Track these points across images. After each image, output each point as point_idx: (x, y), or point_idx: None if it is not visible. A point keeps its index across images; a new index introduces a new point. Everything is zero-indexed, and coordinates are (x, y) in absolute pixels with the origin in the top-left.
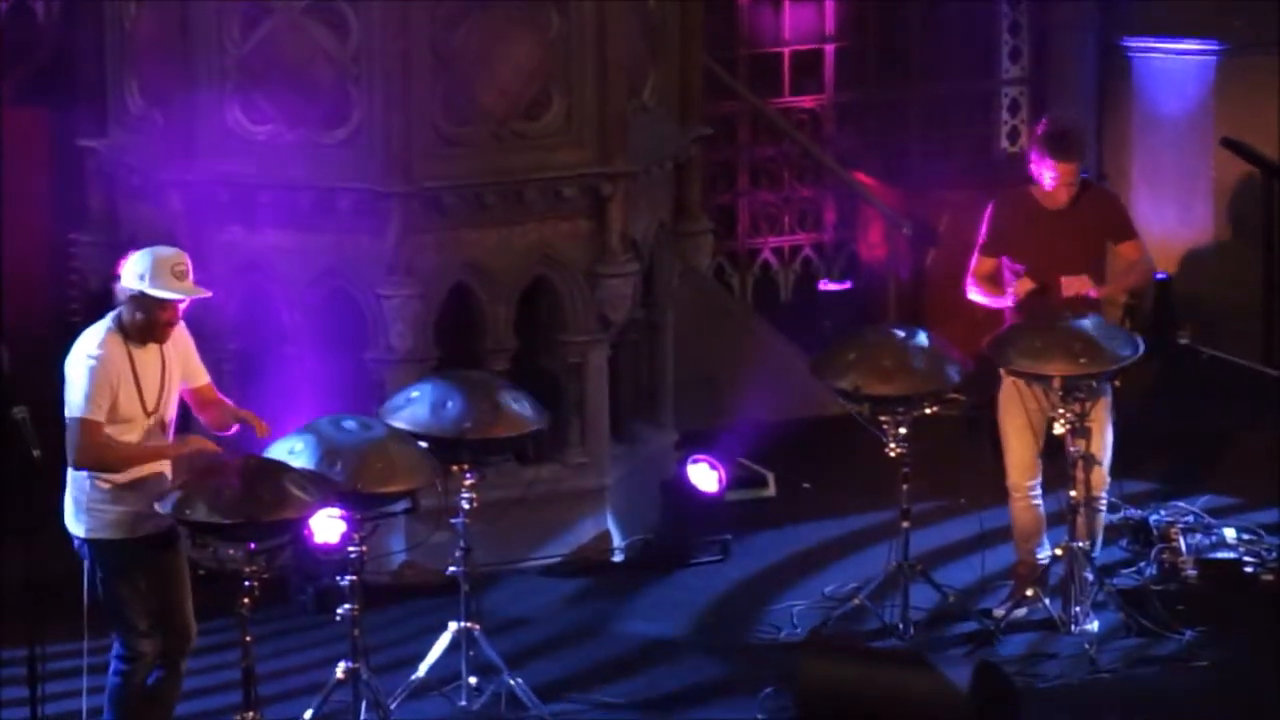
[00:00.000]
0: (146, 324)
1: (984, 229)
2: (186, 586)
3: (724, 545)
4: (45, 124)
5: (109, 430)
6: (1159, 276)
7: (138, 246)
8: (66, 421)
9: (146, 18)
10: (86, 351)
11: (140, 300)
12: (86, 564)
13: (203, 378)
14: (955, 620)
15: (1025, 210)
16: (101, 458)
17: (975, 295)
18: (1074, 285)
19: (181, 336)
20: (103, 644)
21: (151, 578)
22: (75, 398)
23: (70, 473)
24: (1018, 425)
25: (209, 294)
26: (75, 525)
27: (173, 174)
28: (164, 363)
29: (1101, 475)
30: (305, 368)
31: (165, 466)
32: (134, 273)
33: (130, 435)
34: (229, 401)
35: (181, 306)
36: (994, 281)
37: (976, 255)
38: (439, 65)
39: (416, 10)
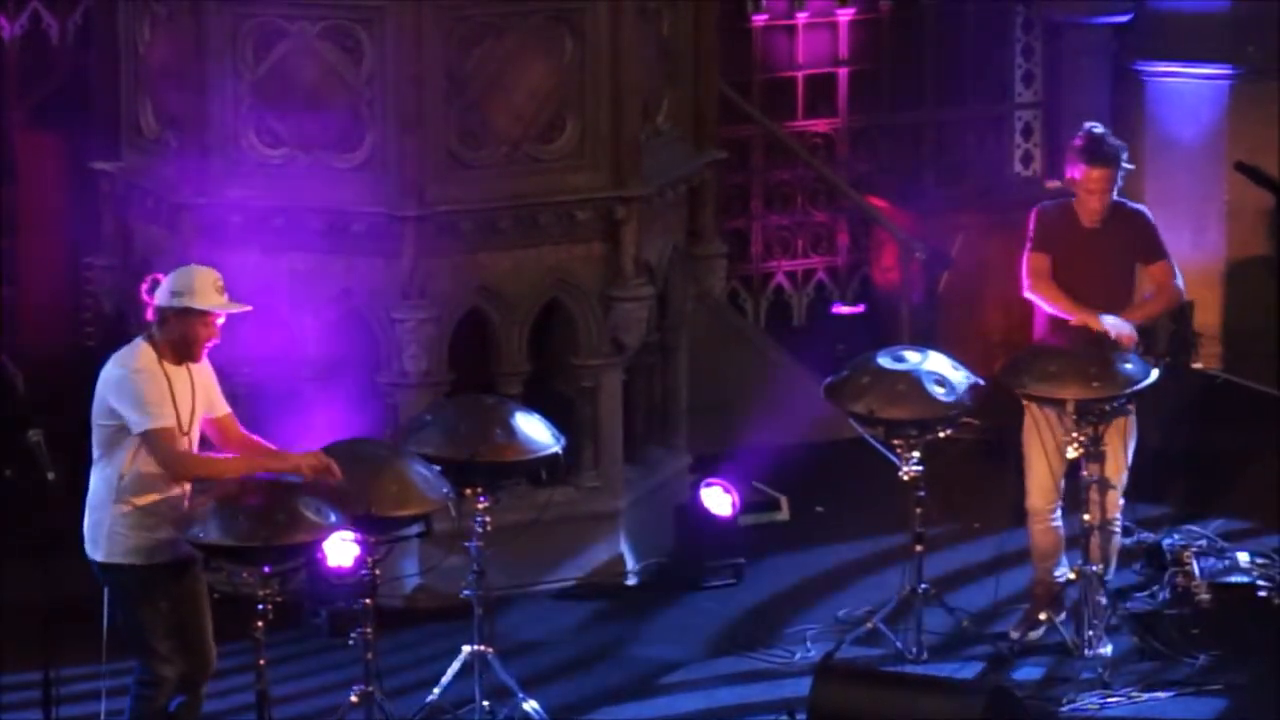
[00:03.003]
0: (185, 341)
1: (1032, 229)
2: (206, 612)
3: (737, 569)
4: (59, 147)
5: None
6: None
7: (151, 270)
8: (142, 439)
9: (161, 41)
10: (128, 367)
11: (182, 316)
12: (106, 589)
13: (224, 408)
14: (969, 644)
15: (1064, 223)
16: (198, 467)
17: (1036, 294)
18: (1112, 326)
19: (204, 365)
20: (121, 668)
21: (171, 603)
22: (136, 413)
23: (89, 498)
24: (1038, 450)
25: (250, 308)
26: (93, 550)
27: (186, 197)
28: (193, 384)
29: (1116, 499)
30: (319, 391)
31: (185, 490)
32: (174, 289)
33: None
34: (259, 439)
35: (219, 323)
36: (1050, 279)
37: (1029, 253)
38: (453, 89)
39: (430, 34)
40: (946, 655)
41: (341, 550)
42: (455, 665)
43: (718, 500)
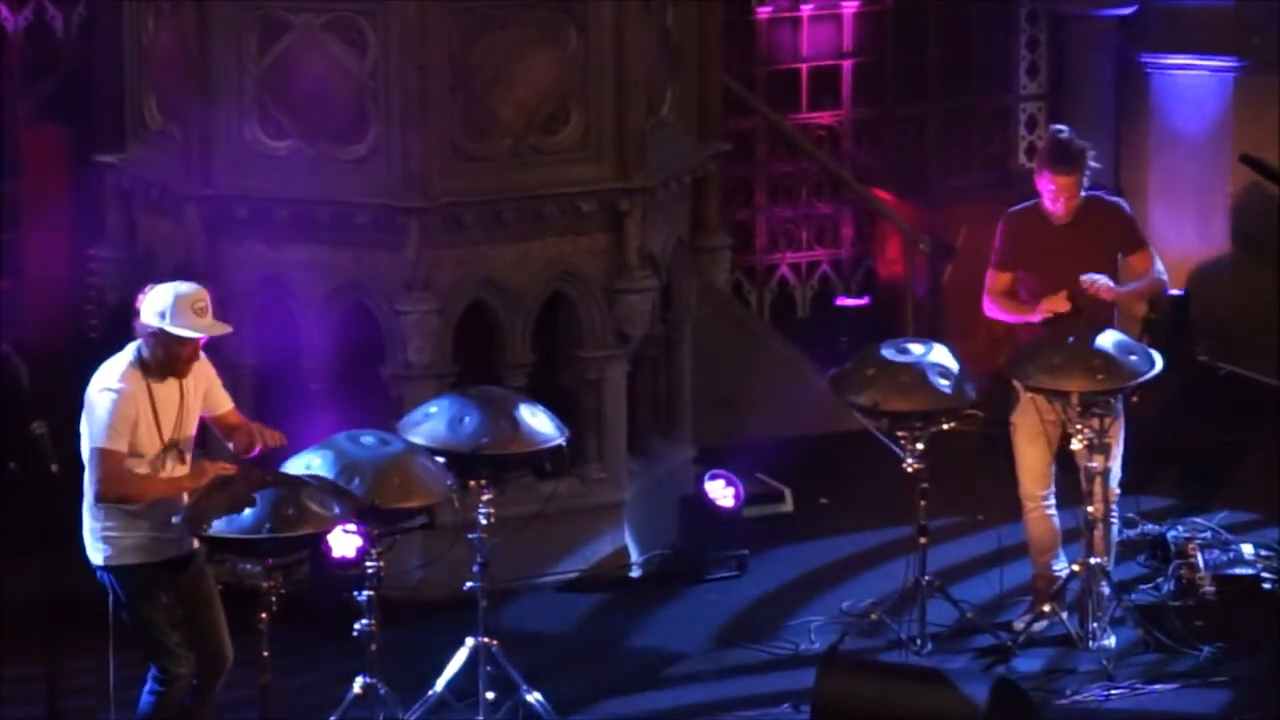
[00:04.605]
0: (167, 360)
1: (996, 245)
2: (216, 608)
3: (741, 561)
4: (64, 140)
5: (127, 464)
6: (1177, 293)
7: (156, 262)
8: (88, 454)
9: (165, 34)
10: (106, 384)
11: (161, 337)
12: (110, 591)
13: (226, 405)
14: (972, 636)
15: (1034, 225)
16: (122, 489)
17: (994, 312)
18: (1089, 279)
19: (203, 368)
20: (128, 662)
21: (175, 599)
22: (96, 429)
23: (86, 501)
24: (1030, 434)
25: (229, 329)
26: (94, 553)
27: (191, 190)
28: (182, 395)
29: (1113, 490)
30: (323, 383)
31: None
32: (154, 310)
33: (146, 468)
34: (248, 422)
35: (201, 342)
36: (1010, 297)
37: (990, 270)
38: (457, 81)
39: (435, 26)
40: (950, 647)
41: (345, 542)
42: (459, 657)
43: (722, 492)
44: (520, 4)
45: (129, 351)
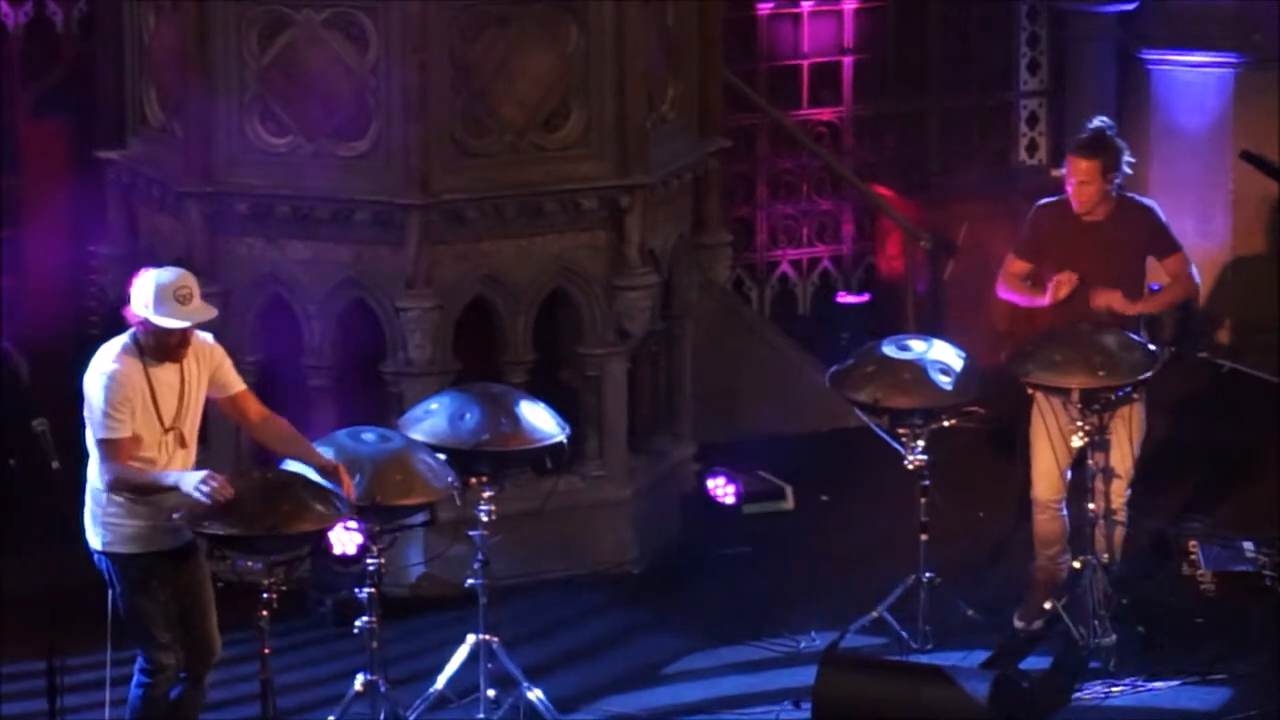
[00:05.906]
0: (158, 346)
1: (1023, 232)
2: (208, 600)
3: (742, 557)
4: (64, 136)
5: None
6: None
7: (156, 259)
8: (93, 444)
9: (165, 30)
10: (102, 370)
11: (148, 325)
12: (105, 575)
13: (236, 386)
14: (973, 633)
15: (1063, 220)
16: (131, 481)
17: (1005, 294)
18: (1104, 298)
19: (206, 349)
20: (125, 656)
21: (171, 591)
22: (97, 419)
23: (88, 486)
24: (1044, 440)
25: (214, 314)
26: (93, 538)
27: (191, 186)
28: (183, 378)
29: (1122, 488)
30: (324, 380)
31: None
32: (139, 300)
33: (147, 451)
34: (289, 425)
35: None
36: (1022, 281)
37: (1010, 255)
38: (458, 77)
39: (435, 22)
40: (951, 644)
41: (346, 539)
42: (460, 654)
43: (722, 489)
44: (521, 0)
45: (125, 336)
